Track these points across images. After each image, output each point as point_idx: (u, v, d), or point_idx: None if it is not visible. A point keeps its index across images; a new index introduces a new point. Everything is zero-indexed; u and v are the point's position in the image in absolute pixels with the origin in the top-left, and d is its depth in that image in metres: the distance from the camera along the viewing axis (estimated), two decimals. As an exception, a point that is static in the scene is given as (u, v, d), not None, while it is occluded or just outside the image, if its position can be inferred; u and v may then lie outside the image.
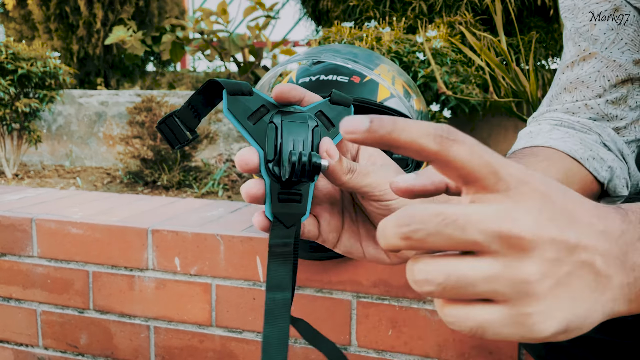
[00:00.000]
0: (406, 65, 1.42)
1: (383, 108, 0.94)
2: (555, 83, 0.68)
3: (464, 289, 0.29)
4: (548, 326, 0.30)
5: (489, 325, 0.30)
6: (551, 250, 0.30)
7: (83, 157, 2.44)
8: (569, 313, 0.30)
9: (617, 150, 0.64)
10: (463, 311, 0.30)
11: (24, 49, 2.00)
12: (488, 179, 0.30)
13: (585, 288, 0.31)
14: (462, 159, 0.30)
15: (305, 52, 1.01)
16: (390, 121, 0.30)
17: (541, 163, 0.59)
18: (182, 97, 2.31)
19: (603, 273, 0.31)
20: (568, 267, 0.30)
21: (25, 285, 1.17)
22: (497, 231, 0.29)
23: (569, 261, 0.30)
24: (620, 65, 0.62)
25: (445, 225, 0.29)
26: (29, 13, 3.20)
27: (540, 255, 0.29)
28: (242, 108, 0.42)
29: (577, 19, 0.64)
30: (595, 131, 0.63)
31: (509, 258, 0.29)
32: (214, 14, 2.98)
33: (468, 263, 0.29)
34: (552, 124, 0.65)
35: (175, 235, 1.06)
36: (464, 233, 0.29)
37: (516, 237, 0.29)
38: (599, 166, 0.61)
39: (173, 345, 1.10)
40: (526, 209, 0.30)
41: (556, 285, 0.30)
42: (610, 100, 0.63)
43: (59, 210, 1.20)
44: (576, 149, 0.61)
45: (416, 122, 0.30)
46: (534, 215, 0.30)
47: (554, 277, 0.30)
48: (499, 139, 1.90)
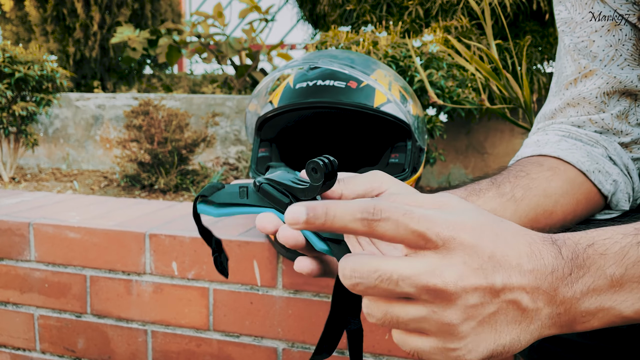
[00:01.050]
0: (402, 70, 1.43)
1: (379, 113, 0.94)
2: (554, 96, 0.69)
3: (397, 325, 0.35)
4: (472, 357, 0.35)
5: (423, 352, 0.36)
6: (474, 296, 0.34)
7: (80, 160, 2.44)
8: (493, 344, 0.35)
9: (623, 164, 0.64)
10: (403, 337, 0.36)
11: (21, 52, 2.00)
12: (417, 242, 0.34)
13: (510, 322, 0.35)
14: (389, 234, 0.34)
15: (302, 58, 1.01)
16: (322, 212, 0.35)
17: (545, 172, 0.59)
18: (179, 100, 2.31)
19: (530, 308, 0.35)
20: (493, 308, 0.35)
21: (23, 289, 1.18)
22: (425, 285, 0.34)
23: (495, 302, 0.35)
24: (621, 82, 0.63)
25: (381, 281, 0.34)
26: (26, 15, 3.20)
27: (464, 302, 0.34)
28: (228, 196, 0.43)
29: (575, 33, 0.65)
30: (602, 144, 0.64)
31: (435, 305, 0.34)
32: (210, 17, 2.98)
33: (401, 307, 0.35)
34: (560, 134, 0.66)
35: (172, 240, 1.06)
36: (397, 287, 0.34)
37: (441, 290, 0.34)
38: (604, 179, 0.62)
39: (170, 350, 1.10)
40: (452, 264, 0.34)
41: (479, 325, 0.35)
42: (615, 114, 0.64)
43: (56, 214, 1.20)
44: (583, 161, 0.61)
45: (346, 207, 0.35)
46: (458, 268, 0.34)
47: (476, 319, 0.35)
48: (495, 142, 1.91)
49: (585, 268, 0.36)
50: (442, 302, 0.34)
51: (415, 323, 0.35)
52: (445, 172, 1.96)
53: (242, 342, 1.05)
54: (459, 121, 1.87)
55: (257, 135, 1.03)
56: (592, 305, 0.36)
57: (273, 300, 1.02)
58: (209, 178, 1.95)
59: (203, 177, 1.98)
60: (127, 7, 3.17)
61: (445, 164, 1.95)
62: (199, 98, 2.31)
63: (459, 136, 1.92)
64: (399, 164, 0.97)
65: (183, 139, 1.85)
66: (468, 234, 0.34)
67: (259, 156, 1.02)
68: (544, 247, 0.36)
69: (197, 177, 1.95)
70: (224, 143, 2.25)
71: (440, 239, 0.34)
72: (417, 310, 0.34)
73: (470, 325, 0.34)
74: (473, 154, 1.93)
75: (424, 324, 0.35)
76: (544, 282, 0.35)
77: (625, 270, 0.36)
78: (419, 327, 0.35)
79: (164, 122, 1.82)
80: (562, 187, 0.59)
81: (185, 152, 1.87)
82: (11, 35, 3.24)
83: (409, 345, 0.36)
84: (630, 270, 0.36)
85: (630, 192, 0.64)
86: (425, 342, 0.35)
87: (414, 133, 0.98)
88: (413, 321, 0.35)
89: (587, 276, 0.36)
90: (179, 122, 1.84)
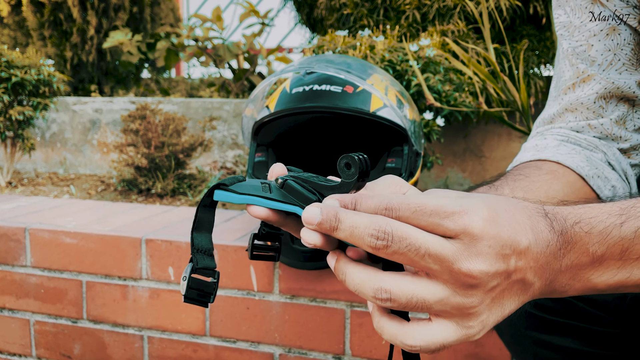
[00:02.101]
0: (399, 74, 1.43)
1: (376, 118, 0.94)
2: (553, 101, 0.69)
3: (420, 309, 0.36)
4: (483, 333, 0.37)
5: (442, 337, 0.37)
6: (494, 280, 0.36)
7: (77, 164, 2.44)
8: (500, 316, 0.38)
9: (621, 170, 0.64)
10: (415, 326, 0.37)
11: (18, 57, 1.99)
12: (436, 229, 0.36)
13: (513, 296, 0.37)
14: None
15: (299, 62, 1.01)
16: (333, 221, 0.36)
17: (544, 176, 0.59)
18: (177, 104, 2.31)
19: (529, 281, 0.37)
20: (505, 286, 0.37)
21: (19, 295, 1.17)
22: (450, 267, 0.35)
23: (507, 282, 0.37)
24: (618, 87, 0.62)
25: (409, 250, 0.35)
26: (24, 20, 3.20)
27: (485, 287, 0.36)
28: (250, 188, 0.41)
29: (574, 37, 0.64)
30: (601, 149, 0.64)
31: (457, 287, 0.35)
32: (208, 20, 2.98)
33: (427, 289, 0.36)
34: (559, 139, 0.65)
35: (169, 245, 1.06)
36: (422, 260, 0.35)
37: (467, 275, 0.35)
38: (603, 185, 0.62)
39: (167, 355, 1.09)
40: (478, 251, 0.35)
41: (492, 302, 0.37)
42: (614, 119, 0.63)
43: (52, 219, 1.20)
44: (582, 166, 0.61)
45: (356, 225, 0.35)
46: (484, 256, 0.35)
47: (491, 297, 0.36)
48: (492, 146, 1.91)
49: (572, 244, 0.38)
50: (465, 286, 0.35)
51: (440, 305, 0.36)
52: (442, 176, 1.96)
53: (238, 347, 1.04)
54: (456, 125, 1.87)
55: (253, 139, 1.03)
56: (573, 279, 0.39)
57: (270, 305, 1.01)
58: (206, 182, 1.95)
59: (200, 181, 1.97)
60: (125, 11, 3.17)
61: (442, 168, 1.95)
62: (197, 102, 2.31)
63: (457, 140, 1.92)
64: (396, 169, 0.97)
65: (180, 143, 1.84)
66: (486, 216, 0.36)
67: (256, 161, 1.02)
68: (540, 220, 0.38)
69: (194, 181, 1.95)
70: (222, 147, 2.25)
71: (458, 225, 0.35)
72: (441, 291, 0.35)
73: (486, 304, 0.36)
74: (470, 158, 1.93)
75: (445, 306, 0.36)
76: (542, 258, 0.37)
77: (606, 249, 0.38)
78: (442, 309, 0.36)
79: (161, 126, 1.82)
80: (563, 190, 0.59)
81: (183, 157, 1.86)
82: (8, 39, 3.24)
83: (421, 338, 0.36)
84: (611, 249, 0.38)
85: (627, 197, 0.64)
86: (445, 326, 0.36)
87: (411, 137, 0.98)
88: (438, 303, 0.35)
89: (572, 252, 0.38)
90: (176, 126, 1.84)
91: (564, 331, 0.59)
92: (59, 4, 3.05)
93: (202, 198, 0.41)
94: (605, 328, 0.57)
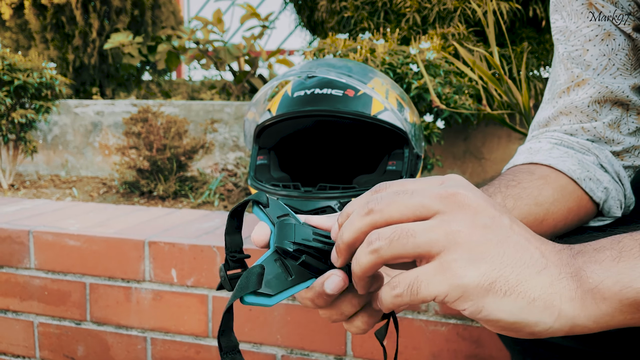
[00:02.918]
0: (400, 77, 1.44)
1: (377, 121, 0.95)
2: (547, 103, 0.70)
3: (406, 239, 0.35)
4: (470, 272, 0.34)
5: (424, 274, 0.35)
6: (485, 216, 0.36)
7: (79, 167, 2.45)
8: (495, 270, 0.34)
9: (614, 172, 0.65)
10: (402, 274, 0.36)
11: (20, 60, 2.01)
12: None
13: (518, 259, 0.35)
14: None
15: (300, 66, 1.02)
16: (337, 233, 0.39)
17: (537, 181, 0.60)
18: (178, 107, 2.32)
19: (539, 257, 0.35)
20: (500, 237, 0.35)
21: (23, 297, 1.18)
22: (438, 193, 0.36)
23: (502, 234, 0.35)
24: (612, 92, 0.63)
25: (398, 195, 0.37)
26: (26, 23, 3.21)
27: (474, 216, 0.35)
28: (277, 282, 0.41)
29: (570, 42, 0.65)
30: (593, 152, 0.64)
31: (445, 214, 0.35)
32: (209, 23, 3.00)
33: (413, 222, 0.36)
34: (553, 142, 0.66)
35: (172, 247, 1.07)
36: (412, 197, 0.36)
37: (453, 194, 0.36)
38: (595, 187, 0.62)
39: (170, 357, 1.10)
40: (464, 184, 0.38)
41: (486, 242, 0.35)
42: (607, 123, 0.64)
43: (56, 222, 1.21)
44: (574, 169, 0.62)
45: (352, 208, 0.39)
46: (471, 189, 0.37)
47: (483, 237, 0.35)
48: (492, 148, 1.92)
49: (582, 247, 0.37)
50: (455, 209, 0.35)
51: (425, 233, 0.35)
52: (443, 178, 1.97)
53: (241, 348, 1.05)
54: (456, 127, 1.88)
55: (255, 143, 1.04)
56: (597, 272, 0.35)
57: (271, 307, 1.02)
58: (207, 184, 1.96)
59: (202, 183, 1.98)
60: (126, 14, 3.18)
61: (442, 170, 1.96)
62: (198, 104, 2.32)
63: (457, 142, 1.93)
64: (396, 171, 0.97)
65: (182, 146, 1.85)
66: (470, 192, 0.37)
67: (258, 164, 1.03)
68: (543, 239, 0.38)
69: (195, 183, 1.96)
70: (223, 149, 2.26)
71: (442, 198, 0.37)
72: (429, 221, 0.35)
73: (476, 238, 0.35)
74: (470, 160, 1.93)
75: (431, 234, 0.35)
76: (548, 245, 0.37)
77: (621, 250, 0.36)
78: (427, 238, 0.35)
79: (163, 129, 1.83)
80: (553, 195, 0.59)
81: (184, 159, 1.87)
82: (11, 42, 3.25)
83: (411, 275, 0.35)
84: (627, 250, 0.35)
85: (622, 199, 0.65)
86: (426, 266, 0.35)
87: (411, 140, 0.99)
88: (423, 231, 0.35)
89: (585, 253, 0.37)
90: (178, 129, 1.85)
91: None
92: (61, 6, 3.06)
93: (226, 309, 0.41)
94: None
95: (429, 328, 0.94)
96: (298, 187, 0.92)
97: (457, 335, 0.92)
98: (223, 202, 1.77)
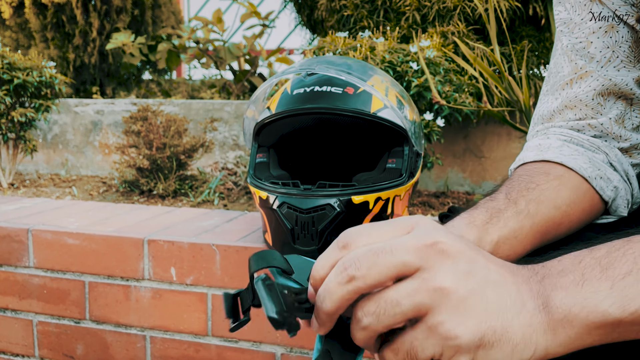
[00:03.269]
0: (400, 75, 1.43)
1: (376, 119, 0.95)
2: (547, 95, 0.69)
3: (392, 310, 0.35)
4: (461, 331, 0.35)
5: (417, 342, 0.36)
6: (464, 262, 0.36)
7: (79, 166, 2.45)
8: (482, 323, 0.35)
9: (623, 170, 0.64)
10: (397, 343, 0.37)
11: (19, 59, 2.00)
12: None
13: (499, 302, 0.36)
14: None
15: (299, 64, 1.02)
16: None
17: (553, 182, 0.60)
18: (178, 106, 2.32)
19: (516, 295, 0.37)
20: (481, 282, 0.36)
21: (22, 295, 1.18)
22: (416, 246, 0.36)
23: (483, 278, 0.36)
24: (615, 84, 0.63)
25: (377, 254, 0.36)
26: (26, 22, 3.21)
27: (455, 265, 0.36)
28: None
29: (573, 34, 0.65)
30: (603, 150, 0.64)
31: (425, 271, 0.35)
32: (210, 22, 2.99)
33: (392, 288, 0.36)
34: (562, 139, 0.66)
35: (171, 245, 1.06)
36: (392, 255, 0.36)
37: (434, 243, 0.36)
38: (605, 185, 0.62)
39: (169, 355, 1.10)
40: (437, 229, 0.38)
41: (471, 292, 0.35)
42: (613, 118, 0.64)
43: (55, 220, 1.21)
44: (585, 167, 0.61)
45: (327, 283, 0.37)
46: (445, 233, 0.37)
47: (468, 286, 0.35)
48: (492, 146, 1.91)
49: (546, 270, 0.38)
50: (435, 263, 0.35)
51: (408, 298, 0.35)
52: (442, 177, 1.97)
53: (240, 347, 1.05)
54: (456, 125, 1.88)
55: (255, 141, 1.04)
56: (564, 300, 0.36)
57: (271, 305, 1.02)
58: (207, 183, 1.95)
59: (202, 182, 1.98)
60: (127, 13, 3.18)
61: (442, 168, 1.95)
62: (198, 103, 2.32)
63: (457, 140, 1.93)
64: (396, 169, 0.97)
65: (182, 145, 1.85)
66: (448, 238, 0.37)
67: (257, 162, 1.02)
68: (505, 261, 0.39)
69: (195, 182, 1.96)
70: (223, 148, 2.26)
71: None
72: (409, 283, 0.35)
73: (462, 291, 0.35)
74: (470, 158, 1.93)
75: (415, 297, 0.35)
76: (519, 277, 0.38)
77: (583, 271, 0.37)
78: (412, 302, 0.35)
79: (163, 127, 1.83)
80: (570, 197, 0.59)
81: (184, 158, 1.87)
82: (10, 41, 3.25)
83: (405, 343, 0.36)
84: (589, 272, 0.37)
85: (629, 198, 0.64)
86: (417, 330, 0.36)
87: (411, 138, 0.98)
88: (406, 296, 0.35)
89: (550, 277, 0.38)
90: (178, 127, 1.84)
91: None
92: (61, 5, 3.06)
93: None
94: None
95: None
96: (297, 185, 0.92)
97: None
98: (223, 200, 1.77)
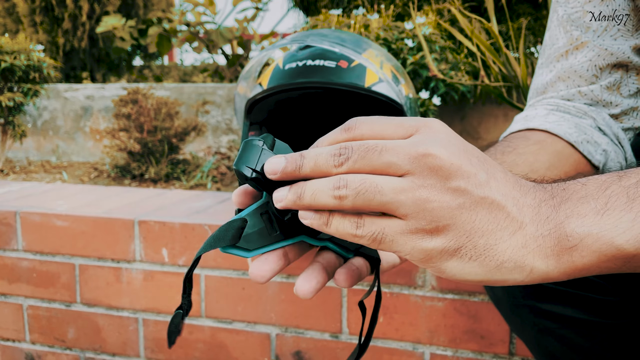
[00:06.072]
0: (395, 53, 1.41)
1: (371, 93, 0.92)
2: (543, 67, 0.68)
3: (372, 194, 0.33)
4: (435, 241, 0.33)
5: (390, 230, 0.33)
6: (457, 178, 0.33)
7: (70, 152, 2.41)
8: (463, 236, 0.33)
9: (613, 134, 0.64)
10: (370, 219, 0.34)
11: (7, 42, 1.96)
12: None
13: (491, 222, 0.33)
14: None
15: (291, 37, 0.99)
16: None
17: (532, 146, 0.59)
18: (169, 90, 2.28)
19: (514, 216, 0.34)
20: (473, 200, 0.33)
21: (11, 279, 1.15)
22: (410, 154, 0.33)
23: (476, 196, 0.33)
24: (612, 54, 0.61)
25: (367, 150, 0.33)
26: (14, 6, 3.15)
27: (445, 181, 0.32)
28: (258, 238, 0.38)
29: (569, 4, 0.64)
30: (590, 115, 0.63)
31: (415, 176, 0.33)
32: (200, 4, 2.94)
33: (383, 177, 0.33)
34: (549, 108, 0.65)
35: (162, 226, 1.04)
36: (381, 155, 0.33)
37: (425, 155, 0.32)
38: (593, 150, 0.61)
39: (162, 338, 1.08)
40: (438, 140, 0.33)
41: (457, 209, 0.33)
42: (604, 85, 0.63)
43: (43, 203, 1.18)
44: (570, 132, 0.60)
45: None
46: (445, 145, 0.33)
47: (454, 202, 0.33)
48: (488, 127, 1.89)
49: (567, 194, 0.35)
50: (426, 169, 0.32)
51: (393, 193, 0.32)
52: (439, 158, 1.95)
53: (234, 328, 1.03)
54: (452, 106, 1.86)
55: (246, 118, 1.01)
56: (578, 229, 0.33)
57: (266, 285, 1.00)
58: (200, 167, 1.93)
59: (194, 166, 1.95)
60: (116, -4, 3.13)
61: (439, 150, 1.93)
62: (190, 87, 2.28)
63: (453, 122, 1.91)
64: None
65: (173, 128, 1.82)
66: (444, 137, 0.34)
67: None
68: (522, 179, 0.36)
69: (188, 166, 1.93)
70: (216, 132, 2.23)
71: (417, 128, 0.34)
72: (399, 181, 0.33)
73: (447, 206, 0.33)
74: (467, 139, 1.91)
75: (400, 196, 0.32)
76: (527, 197, 0.35)
77: (607, 200, 0.34)
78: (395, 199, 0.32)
79: (154, 110, 1.79)
80: (549, 160, 0.58)
81: (176, 141, 1.84)
82: (-2, 27, 3.20)
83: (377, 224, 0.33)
84: (613, 200, 0.33)
85: (622, 161, 0.64)
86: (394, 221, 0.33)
87: (407, 113, 0.96)
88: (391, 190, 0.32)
89: (569, 202, 0.34)
90: (169, 110, 1.81)
91: (563, 299, 0.58)
92: (49, -11, 3.00)
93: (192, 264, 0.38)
94: (604, 296, 0.57)
95: (426, 304, 0.92)
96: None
97: (454, 311, 0.90)
98: (216, 184, 1.75)
